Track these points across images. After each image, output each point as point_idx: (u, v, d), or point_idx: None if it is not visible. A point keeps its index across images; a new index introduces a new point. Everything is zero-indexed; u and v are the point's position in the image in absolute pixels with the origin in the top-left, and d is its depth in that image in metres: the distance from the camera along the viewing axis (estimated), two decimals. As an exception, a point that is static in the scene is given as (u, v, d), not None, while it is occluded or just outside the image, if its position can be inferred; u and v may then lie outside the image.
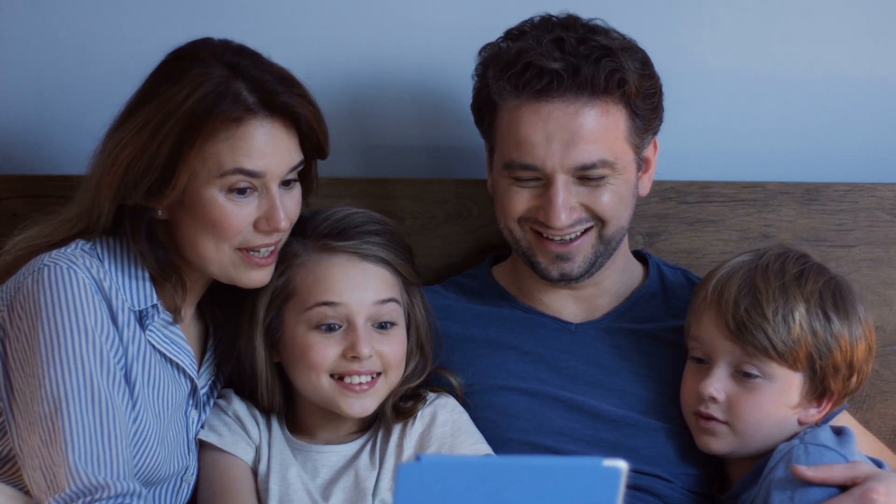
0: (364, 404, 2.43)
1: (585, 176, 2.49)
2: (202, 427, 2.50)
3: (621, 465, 1.66)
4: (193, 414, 2.47)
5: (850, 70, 2.89)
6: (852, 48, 2.89)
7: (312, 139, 2.38)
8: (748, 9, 2.89)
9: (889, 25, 2.89)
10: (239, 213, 2.33)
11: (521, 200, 2.52)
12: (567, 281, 2.57)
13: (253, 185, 2.33)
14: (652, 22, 2.83)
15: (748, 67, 2.90)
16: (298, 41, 2.89)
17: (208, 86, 2.29)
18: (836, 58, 2.90)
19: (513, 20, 2.58)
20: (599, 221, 2.53)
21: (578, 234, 2.53)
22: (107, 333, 2.28)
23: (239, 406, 2.51)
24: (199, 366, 2.49)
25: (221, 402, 2.52)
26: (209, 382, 2.51)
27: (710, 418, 2.45)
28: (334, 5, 2.90)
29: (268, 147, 2.32)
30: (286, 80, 2.36)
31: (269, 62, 2.38)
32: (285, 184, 2.37)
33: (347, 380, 2.42)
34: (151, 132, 2.28)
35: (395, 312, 2.45)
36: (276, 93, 2.32)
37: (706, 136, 2.91)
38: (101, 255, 2.35)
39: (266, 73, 2.34)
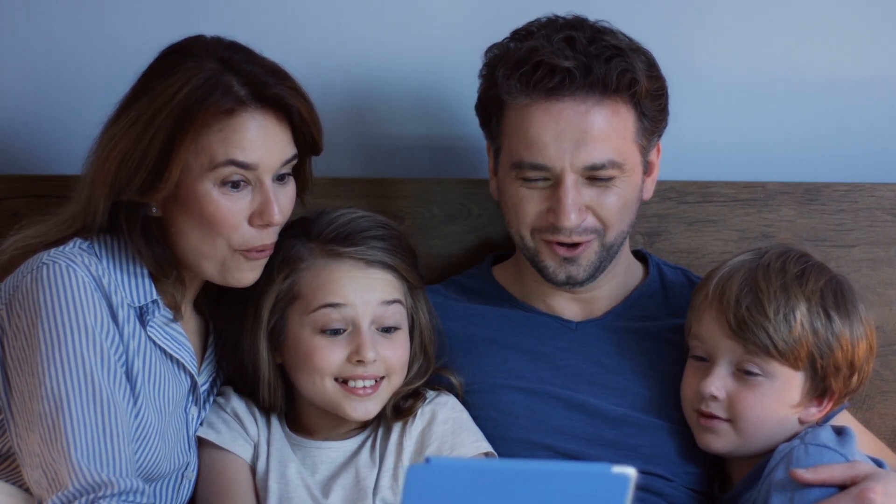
0: (367, 407, 2.43)
1: (594, 176, 2.49)
2: (201, 424, 2.50)
3: (630, 471, 1.66)
4: (193, 411, 2.47)
5: (850, 71, 2.90)
6: (852, 49, 2.90)
7: (305, 132, 2.39)
8: (749, 9, 2.89)
9: (889, 26, 2.90)
10: (233, 208, 2.33)
11: (531, 204, 2.52)
12: (572, 285, 2.57)
13: (246, 178, 2.33)
14: (653, 22, 2.83)
15: (748, 68, 2.90)
16: (299, 40, 2.89)
17: (199, 79, 2.30)
18: (836, 58, 2.90)
19: (516, 19, 2.58)
20: (601, 230, 2.53)
21: (582, 241, 2.53)
22: (107, 331, 2.28)
23: (238, 404, 2.51)
24: (200, 363, 2.50)
25: (220, 399, 2.53)
26: (209, 379, 2.52)
27: (712, 416, 2.45)
28: (335, 4, 2.90)
29: (260, 139, 2.32)
30: (277, 73, 2.36)
31: (261, 57, 2.38)
32: (279, 179, 2.37)
33: (351, 383, 2.42)
34: (144, 126, 2.29)
35: (400, 315, 2.46)
36: (267, 85, 2.33)
37: (706, 136, 2.91)
38: (98, 254, 2.35)
39: (257, 66, 2.35)
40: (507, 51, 2.53)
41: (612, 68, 2.47)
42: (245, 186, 2.33)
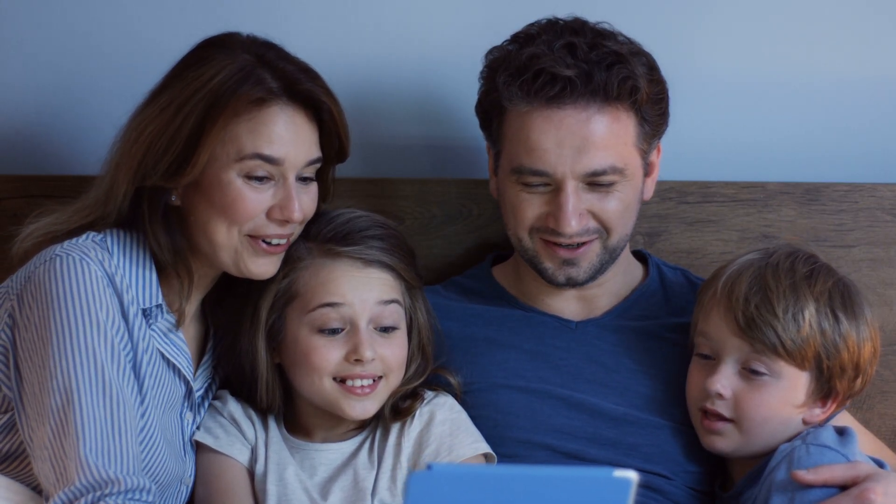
0: (366, 407, 2.44)
1: (595, 182, 2.49)
2: (198, 429, 2.50)
3: (632, 475, 1.66)
4: (188, 416, 2.47)
5: (850, 71, 2.90)
6: (852, 49, 2.90)
7: (333, 133, 2.40)
8: (749, 10, 2.89)
9: (889, 26, 2.90)
10: (255, 198, 2.34)
11: (531, 208, 2.52)
12: (572, 285, 2.58)
13: (271, 173, 2.34)
14: (653, 22, 2.83)
15: (749, 68, 2.90)
16: (299, 39, 2.84)
17: (233, 68, 2.33)
18: (836, 58, 2.90)
19: (516, 20, 2.58)
20: (604, 232, 2.53)
21: (584, 241, 2.53)
22: (117, 326, 2.28)
23: (234, 407, 2.52)
24: (197, 368, 2.50)
25: (217, 403, 2.53)
26: (205, 385, 2.52)
27: (716, 416, 2.46)
28: (335, 4, 2.90)
29: (288, 134, 2.34)
30: (310, 72, 2.40)
31: (294, 56, 2.41)
32: (302, 180, 2.38)
33: (349, 382, 2.43)
34: (175, 111, 2.31)
35: (397, 315, 2.46)
36: (299, 81, 2.35)
37: (706, 136, 2.91)
38: (110, 249, 2.35)
39: (290, 64, 2.38)
40: (508, 55, 2.53)
41: (614, 76, 2.46)
42: (269, 181, 2.35)
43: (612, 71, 2.47)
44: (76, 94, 2.91)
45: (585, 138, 2.47)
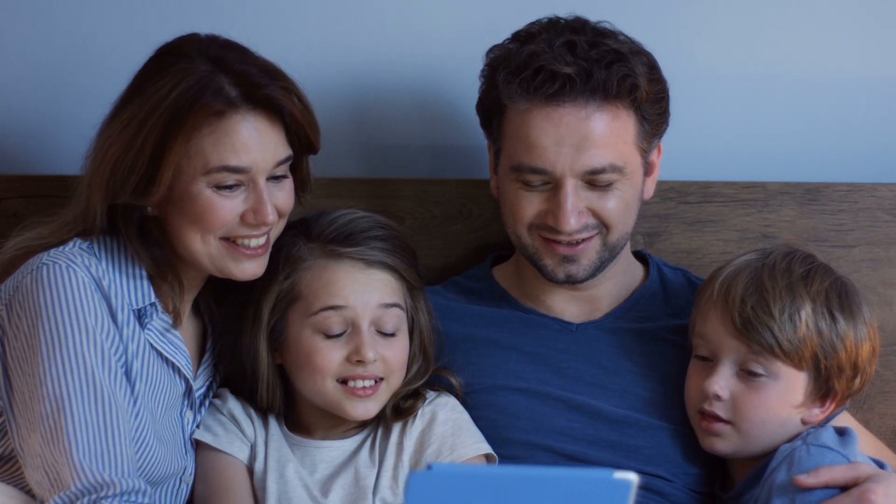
0: (367, 408, 2.44)
1: (594, 181, 2.49)
2: (198, 427, 2.50)
3: (632, 477, 1.67)
4: (189, 415, 2.47)
5: (850, 70, 2.90)
6: (852, 49, 2.89)
7: (299, 133, 2.38)
8: (749, 9, 2.89)
9: (889, 25, 2.90)
10: (226, 206, 2.33)
11: (530, 206, 2.52)
12: (572, 283, 2.58)
13: (240, 181, 2.33)
14: (653, 22, 2.82)
15: (749, 67, 2.90)
16: (299, 41, 2.89)
17: (190, 80, 2.29)
18: (836, 58, 2.90)
19: (516, 20, 2.58)
20: (605, 228, 2.53)
21: (584, 238, 2.53)
22: (107, 331, 2.28)
23: (234, 405, 2.52)
24: (197, 367, 2.49)
25: (217, 401, 2.53)
26: (206, 383, 2.52)
27: (714, 417, 2.45)
28: (335, 5, 2.90)
29: (252, 141, 2.31)
30: (271, 72, 2.35)
31: (255, 56, 2.37)
32: (275, 179, 2.36)
33: (351, 384, 2.43)
34: (135, 129, 2.29)
35: (399, 318, 2.46)
36: (259, 86, 2.31)
37: (706, 136, 2.91)
38: (98, 254, 2.35)
39: (250, 66, 2.34)
40: (508, 53, 2.53)
41: (613, 74, 2.46)
42: (239, 188, 2.33)
43: (611, 69, 2.47)
44: (77, 95, 2.91)
45: (585, 136, 2.47)
